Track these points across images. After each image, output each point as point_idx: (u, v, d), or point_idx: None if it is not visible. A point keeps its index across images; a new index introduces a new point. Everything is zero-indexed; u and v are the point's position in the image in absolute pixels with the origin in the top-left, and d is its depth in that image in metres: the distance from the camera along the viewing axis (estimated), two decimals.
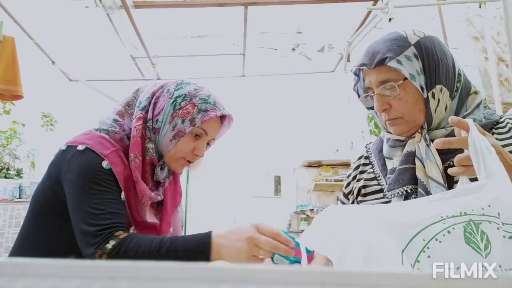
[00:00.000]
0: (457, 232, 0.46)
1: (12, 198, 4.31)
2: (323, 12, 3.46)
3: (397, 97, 0.80)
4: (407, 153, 0.81)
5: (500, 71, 2.90)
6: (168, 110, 0.96)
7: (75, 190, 0.86)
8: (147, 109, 0.97)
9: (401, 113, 0.81)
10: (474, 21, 3.12)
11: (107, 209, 0.84)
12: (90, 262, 0.18)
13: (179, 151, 0.97)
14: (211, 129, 1.00)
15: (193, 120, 0.95)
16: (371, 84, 0.84)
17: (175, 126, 0.95)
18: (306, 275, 0.18)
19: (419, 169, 0.77)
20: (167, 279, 0.17)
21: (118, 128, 0.97)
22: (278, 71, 4.58)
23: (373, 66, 0.80)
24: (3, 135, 4.96)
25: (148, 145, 0.95)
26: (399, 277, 0.17)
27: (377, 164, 0.92)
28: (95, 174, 0.86)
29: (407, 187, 0.77)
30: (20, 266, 0.17)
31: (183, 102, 0.96)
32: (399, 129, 0.84)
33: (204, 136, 0.99)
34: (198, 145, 0.99)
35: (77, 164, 0.87)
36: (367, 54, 0.84)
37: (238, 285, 0.17)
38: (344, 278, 0.17)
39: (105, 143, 0.91)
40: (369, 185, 0.91)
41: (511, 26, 1.09)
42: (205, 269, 0.18)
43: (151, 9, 3.19)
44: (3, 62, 2.60)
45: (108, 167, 0.88)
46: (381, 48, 0.81)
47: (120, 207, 0.87)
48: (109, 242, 0.79)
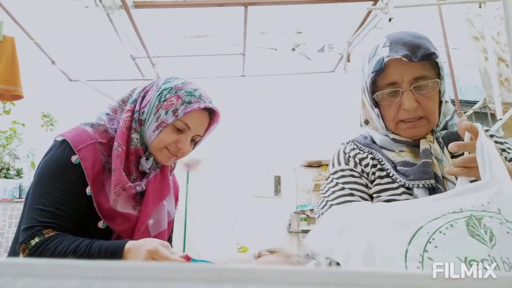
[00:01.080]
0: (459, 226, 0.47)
1: (12, 198, 4.31)
2: (323, 12, 3.46)
3: (427, 95, 0.79)
4: (425, 149, 0.80)
5: (500, 71, 2.90)
6: (154, 102, 0.97)
7: (34, 182, 0.91)
8: (136, 103, 1.00)
9: (428, 112, 0.80)
10: (474, 21, 3.12)
11: (49, 207, 0.86)
12: (90, 262, 0.18)
13: (161, 141, 0.98)
14: (193, 122, 0.99)
15: (175, 111, 0.95)
16: (401, 79, 0.78)
17: (159, 117, 0.96)
18: (306, 275, 0.18)
19: (436, 167, 0.78)
20: (167, 279, 0.17)
21: (105, 121, 1.00)
22: (278, 71, 4.58)
23: (418, 58, 0.76)
24: (3, 135, 4.96)
25: (133, 135, 0.97)
26: (399, 277, 0.17)
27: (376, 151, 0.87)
28: (58, 169, 0.89)
29: (430, 181, 0.77)
30: (20, 266, 0.17)
31: (168, 94, 0.97)
32: (419, 132, 0.82)
33: (187, 130, 0.99)
34: (181, 138, 0.99)
35: (48, 157, 0.92)
36: (406, 47, 0.77)
37: (238, 285, 0.17)
38: (344, 278, 0.17)
39: (83, 136, 0.93)
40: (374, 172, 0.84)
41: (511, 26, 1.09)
42: (205, 269, 0.18)
43: (151, 9, 3.19)
44: (3, 62, 2.60)
45: (77, 162, 0.90)
46: (422, 43, 0.77)
47: (66, 208, 0.88)
48: (34, 238, 0.83)
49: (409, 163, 0.81)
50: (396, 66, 0.78)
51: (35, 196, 0.88)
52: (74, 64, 4.08)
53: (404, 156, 0.83)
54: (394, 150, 0.85)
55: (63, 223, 0.87)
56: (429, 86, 0.79)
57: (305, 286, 0.17)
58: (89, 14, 3.16)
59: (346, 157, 0.89)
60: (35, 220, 0.85)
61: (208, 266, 0.18)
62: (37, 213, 0.86)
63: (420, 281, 0.18)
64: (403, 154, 0.84)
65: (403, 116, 0.81)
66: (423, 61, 0.77)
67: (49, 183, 0.88)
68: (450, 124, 0.85)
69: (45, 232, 0.84)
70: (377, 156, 0.86)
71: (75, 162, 0.90)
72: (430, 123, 0.82)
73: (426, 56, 0.76)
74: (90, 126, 0.97)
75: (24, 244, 0.84)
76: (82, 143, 0.91)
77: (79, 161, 0.90)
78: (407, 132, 0.83)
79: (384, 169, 0.83)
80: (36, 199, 0.88)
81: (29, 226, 0.86)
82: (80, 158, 0.90)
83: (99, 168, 0.93)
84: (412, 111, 0.79)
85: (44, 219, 0.85)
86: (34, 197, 0.88)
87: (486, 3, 2.81)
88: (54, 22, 3.37)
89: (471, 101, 4.64)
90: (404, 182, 0.79)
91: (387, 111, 0.83)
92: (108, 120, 1.01)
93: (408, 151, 0.84)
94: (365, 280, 0.17)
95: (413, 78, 0.78)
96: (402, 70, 0.78)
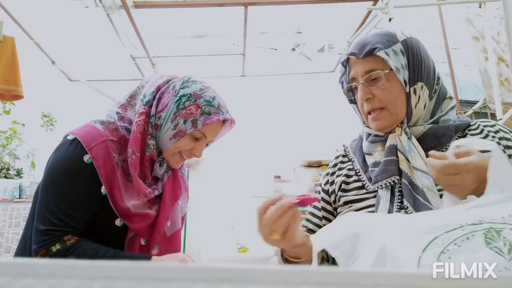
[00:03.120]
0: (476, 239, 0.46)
1: (12, 198, 4.30)
2: (323, 12, 3.45)
3: (381, 87, 0.83)
4: (390, 146, 0.83)
5: (500, 71, 2.90)
6: (172, 108, 0.95)
7: (44, 182, 0.89)
8: (151, 104, 0.97)
9: (384, 103, 0.84)
10: (474, 21, 3.12)
11: (65, 210, 0.85)
12: (90, 262, 0.18)
13: (177, 148, 0.98)
14: (211, 132, 1.00)
15: (195, 122, 0.95)
16: (356, 75, 0.86)
17: (176, 125, 0.95)
18: (306, 275, 0.18)
19: (403, 161, 0.80)
20: (167, 279, 0.17)
21: (115, 119, 0.98)
22: (278, 71, 4.59)
23: (362, 55, 0.83)
24: (3, 135, 4.96)
25: (150, 142, 0.96)
26: (399, 277, 0.17)
27: (357, 160, 0.93)
28: (72, 169, 0.88)
29: (394, 177, 0.79)
30: (20, 266, 0.17)
31: (187, 102, 0.95)
32: (382, 124, 0.86)
33: (204, 138, 0.99)
34: (197, 145, 0.99)
35: (59, 156, 0.90)
36: (357, 45, 0.87)
37: (238, 285, 0.17)
38: (344, 278, 0.17)
39: (94, 134, 0.92)
40: (349, 181, 0.90)
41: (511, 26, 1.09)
42: (205, 269, 0.18)
43: (151, 9, 3.19)
44: (3, 62, 2.60)
45: (90, 161, 0.89)
46: (370, 40, 0.85)
47: (82, 209, 0.87)
48: (55, 245, 0.82)
49: (377, 163, 0.85)
50: (352, 63, 0.88)
51: (49, 196, 0.86)
52: (74, 64, 4.08)
53: (376, 156, 0.87)
54: (372, 153, 0.89)
55: (80, 226, 0.87)
56: (383, 78, 0.82)
57: (305, 286, 0.17)
58: (89, 14, 3.16)
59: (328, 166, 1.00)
60: (52, 223, 0.84)
61: (208, 266, 0.18)
62: (53, 216, 0.84)
63: (420, 281, 0.18)
64: (376, 154, 0.88)
65: (366, 108, 0.87)
66: (374, 56, 0.82)
67: (63, 184, 0.87)
68: (442, 119, 0.86)
69: (66, 239, 0.83)
70: (356, 166, 0.92)
71: (88, 162, 0.89)
72: (392, 114, 0.84)
73: (369, 52, 0.82)
74: (100, 123, 0.96)
75: (44, 250, 0.82)
76: (93, 141, 0.90)
77: (91, 161, 0.89)
78: (373, 125, 0.88)
79: (361, 180, 0.88)
80: (51, 199, 0.86)
81: (47, 229, 0.84)
82: (92, 157, 0.89)
83: (111, 166, 0.92)
84: (368, 103, 0.85)
85: (61, 223, 0.84)
86: (48, 197, 0.87)
87: (486, 3, 2.81)
88: (54, 22, 3.37)
89: (471, 101, 4.64)
90: (372, 188, 0.83)
91: (358, 104, 0.91)
92: (119, 118, 0.99)
93: (381, 149, 0.87)
94: (365, 280, 0.17)
95: (364, 72, 0.84)
96: (356, 66, 0.86)
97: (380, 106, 0.85)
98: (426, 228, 0.49)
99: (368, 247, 0.49)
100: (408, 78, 0.83)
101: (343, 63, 0.91)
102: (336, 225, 0.57)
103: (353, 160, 0.94)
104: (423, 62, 0.85)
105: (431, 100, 0.86)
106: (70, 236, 0.84)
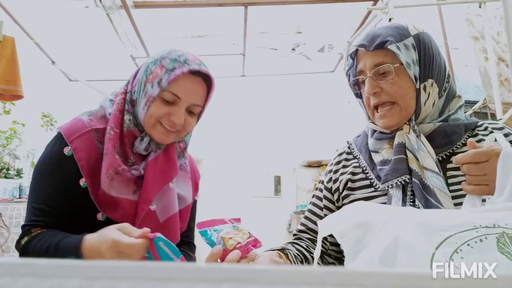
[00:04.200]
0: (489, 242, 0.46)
1: (12, 198, 4.31)
2: (323, 12, 3.46)
3: (390, 81, 0.80)
4: (398, 144, 0.81)
5: (500, 71, 2.90)
6: (142, 79, 0.91)
7: (31, 179, 0.90)
8: (129, 84, 0.95)
9: (394, 97, 0.81)
10: (474, 21, 3.12)
11: (40, 204, 0.85)
12: (90, 262, 0.18)
13: (151, 116, 0.90)
14: (182, 91, 0.88)
15: (160, 82, 0.87)
16: (364, 67, 0.84)
17: (146, 93, 0.90)
18: (306, 275, 0.18)
19: (412, 160, 0.78)
20: (167, 279, 0.17)
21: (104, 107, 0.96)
22: (278, 71, 4.59)
23: (373, 47, 0.81)
24: (3, 135, 4.96)
25: (126, 117, 0.91)
26: (399, 277, 0.17)
27: (363, 157, 0.90)
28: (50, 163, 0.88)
29: (405, 177, 0.77)
30: (20, 266, 0.17)
31: (154, 66, 0.90)
32: (391, 122, 0.83)
33: (178, 100, 0.89)
34: (173, 110, 0.89)
35: (43, 152, 0.91)
36: (367, 37, 0.84)
37: (238, 285, 0.17)
38: (344, 278, 0.17)
39: (77, 126, 0.90)
40: (356, 179, 0.88)
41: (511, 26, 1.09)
42: (205, 269, 0.18)
43: (151, 9, 3.19)
44: (3, 62, 2.60)
45: (70, 153, 0.87)
46: (382, 32, 0.82)
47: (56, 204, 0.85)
48: (24, 238, 0.84)
49: (386, 161, 0.82)
50: (361, 55, 0.85)
51: (30, 193, 0.88)
52: (74, 64, 4.08)
53: (383, 154, 0.85)
54: (378, 150, 0.86)
55: (53, 219, 0.85)
56: (392, 72, 0.79)
57: (305, 286, 0.17)
58: (89, 14, 3.16)
59: (330, 163, 0.97)
60: (28, 218, 0.86)
61: (208, 266, 0.18)
62: (30, 211, 0.86)
63: (420, 281, 0.18)
64: (383, 152, 0.85)
65: (372, 102, 0.84)
66: (383, 49, 0.80)
67: (41, 179, 0.87)
68: (452, 118, 0.84)
69: (33, 231, 0.84)
70: (362, 164, 0.89)
71: (68, 154, 0.87)
72: (402, 110, 0.81)
73: (380, 45, 0.80)
74: (88, 114, 0.94)
75: (17, 243, 0.85)
76: (75, 133, 0.88)
77: (72, 153, 0.86)
78: (380, 122, 0.85)
79: (368, 178, 0.86)
80: (30, 196, 0.88)
81: (23, 225, 0.86)
82: (73, 149, 0.87)
83: (96, 156, 0.88)
84: (376, 97, 0.82)
85: (34, 217, 0.85)
86: (29, 194, 0.88)
87: (486, 3, 2.81)
88: (54, 22, 3.37)
89: (471, 101, 4.65)
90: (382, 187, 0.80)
91: (364, 98, 0.88)
92: (110, 105, 0.96)
93: (388, 147, 0.85)
94: (365, 280, 0.17)
95: (373, 65, 0.81)
96: (365, 59, 0.83)
97: (389, 100, 0.82)
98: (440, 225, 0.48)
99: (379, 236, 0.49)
100: (419, 74, 0.81)
101: (351, 55, 0.88)
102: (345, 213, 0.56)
103: (358, 157, 0.91)
104: (435, 59, 0.82)
105: (441, 98, 0.84)
106: (38, 228, 0.84)
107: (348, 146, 0.98)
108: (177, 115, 0.89)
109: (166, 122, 0.90)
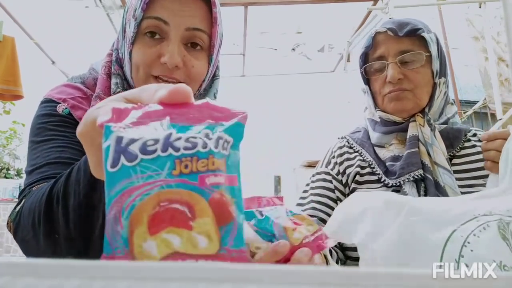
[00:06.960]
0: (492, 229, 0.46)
1: (12, 198, 4.31)
2: (323, 12, 3.46)
3: (415, 69, 0.79)
4: (412, 136, 0.79)
5: (500, 71, 2.90)
6: (121, 25, 0.71)
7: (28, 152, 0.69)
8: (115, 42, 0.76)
9: (414, 86, 0.79)
10: (474, 21, 3.12)
11: (46, 160, 0.62)
12: (90, 262, 0.18)
13: (137, 68, 0.66)
14: (166, 10, 0.63)
15: (134, 14, 0.64)
16: (387, 53, 0.81)
17: (125, 37, 0.68)
18: (306, 275, 0.18)
19: (424, 154, 0.77)
20: (167, 279, 0.17)
21: (97, 69, 0.77)
22: (278, 71, 4.59)
23: (404, 33, 0.78)
24: (3, 135, 4.97)
25: (113, 80, 0.72)
26: (399, 277, 0.17)
27: (366, 152, 0.86)
28: (42, 124, 0.68)
29: (419, 172, 0.75)
30: (20, 266, 0.17)
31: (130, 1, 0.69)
32: (403, 105, 0.80)
33: (165, 28, 0.63)
34: (162, 47, 0.64)
35: (32, 123, 0.71)
36: (394, 23, 0.81)
37: (238, 285, 0.17)
38: (344, 278, 0.17)
39: (68, 90, 0.73)
40: (363, 173, 0.84)
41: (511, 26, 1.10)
42: (205, 269, 0.18)
43: None
44: (3, 62, 2.60)
45: (67, 111, 0.68)
46: (410, 21, 0.81)
47: (68, 154, 0.63)
48: (18, 206, 0.58)
49: (397, 157, 0.80)
50: (384, 40, 0.82)
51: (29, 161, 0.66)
52: (74, 64, 4.08)
53: (393, 149, 0.83)
54: (384, 145, 0.84)
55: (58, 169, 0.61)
56: (416, 61, 0.79)
57: (305, 286, 0.17)
58: (89, 14, 3.16)
59: (330, 157, 0.92)
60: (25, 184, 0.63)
61: (208, 266, 0.18)
62: (25, 180, 0.64)
63: (420, 281, 0.18)
64: (392, 148, 0.83)
65: (387, 89, 0.81)
66: (411, 37, 0.79)
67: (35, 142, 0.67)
68: (451, 122, 0.85)
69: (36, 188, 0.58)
70: (368, 158, 0.85)
71: (64, 113, 0.68)
72: (415, 97, 0.80)
73: (412, 31, 0.78)
74: (80, 81, 0.76)
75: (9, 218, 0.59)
76: (67, 95, 0.71)
77: (69, 110, 0.68)
78: (391, 106, 0.82)
79: (375, 173, 0.82)
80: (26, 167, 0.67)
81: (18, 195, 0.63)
82: (70, 107, 0.68)
83: None
84: (397, 83, 0.80)
85: (34, 177, 0.61)
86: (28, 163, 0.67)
87: (486, 3, 2.81)
88: (54, 22, 3.37)
89: (471, 101, 4.65)
90: (394, 183, 0.77)
91: (375, 85, 0.85)
92: None
93: (397, 142, 0.83)
94: (365, 280, 0.17)
95: (398, 51, 0.80)
96: (389, 44, 0.81)
97: (407, 89, 0.80)
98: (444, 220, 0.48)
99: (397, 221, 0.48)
100: (439, 69, 0.81)
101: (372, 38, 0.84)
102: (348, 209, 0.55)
103: (361, 152, 0.87)
104: (446, 60, 0.84)
105: (442, 100, 0.84)
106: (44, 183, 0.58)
107: (346, 140, 0.93)
108: (169, 51, 0.62)
109: (159, 71, 0.64)
